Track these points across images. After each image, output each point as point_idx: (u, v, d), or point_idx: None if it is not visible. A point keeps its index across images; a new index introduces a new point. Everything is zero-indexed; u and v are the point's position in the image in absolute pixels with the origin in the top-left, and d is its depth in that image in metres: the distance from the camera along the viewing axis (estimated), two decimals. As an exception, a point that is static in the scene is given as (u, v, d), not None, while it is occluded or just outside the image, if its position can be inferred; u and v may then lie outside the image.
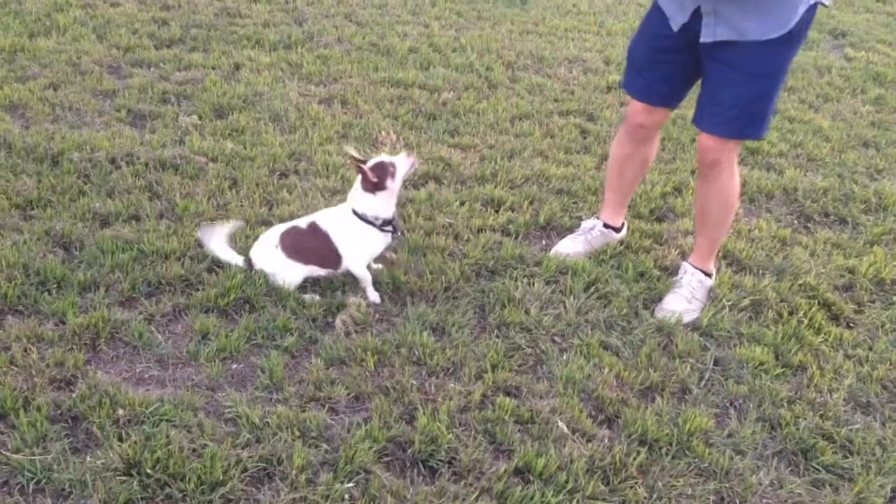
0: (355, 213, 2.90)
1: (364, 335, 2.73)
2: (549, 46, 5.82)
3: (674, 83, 3.04)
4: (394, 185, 2.89)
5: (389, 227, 2.95)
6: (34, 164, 3.57)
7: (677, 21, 2.82)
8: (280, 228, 2.95)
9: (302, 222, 2.95)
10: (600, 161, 4.09)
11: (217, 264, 2.99)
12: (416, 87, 4.84)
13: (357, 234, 2.90)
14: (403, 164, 2.90)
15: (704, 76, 2.91)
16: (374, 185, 2.86)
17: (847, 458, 2.48)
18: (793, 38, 2.72)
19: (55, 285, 2.82)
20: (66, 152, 3.65)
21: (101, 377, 2.45)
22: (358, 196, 2.90)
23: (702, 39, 2.78)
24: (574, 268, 3.17)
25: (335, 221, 2.92)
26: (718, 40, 2.75)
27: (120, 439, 2.23)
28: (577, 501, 2.21)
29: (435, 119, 4.46)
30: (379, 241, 2.95)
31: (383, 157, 2.93)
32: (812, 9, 2.71)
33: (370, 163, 2.87)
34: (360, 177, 2.88)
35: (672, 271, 3.24)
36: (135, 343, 2.62)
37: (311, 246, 2.90)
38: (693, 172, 4.06)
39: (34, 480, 2.10)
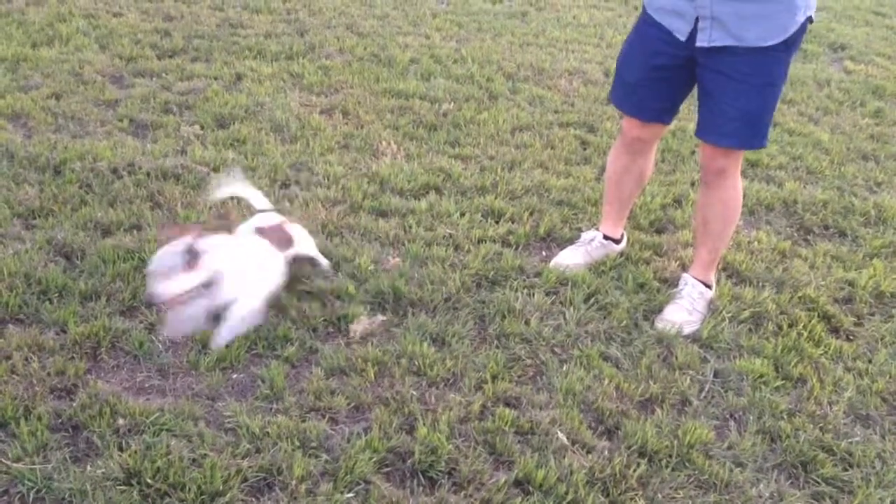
0: None
1: (364, 345, 2.73)
2: (550, 58, 5.85)
3: (668, 100, 3.04)
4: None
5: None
6: (36, 174, 3.58)
7: (683, 31, 2.80)
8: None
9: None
10: (600, 172, 4.10)
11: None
12: (416, 97, 4.86)
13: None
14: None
15: (703, 89, 2.91)
16: None
17: (847, 470, 2.48)
18: (789, 46, 2.74)
19: (56, 294, 2.83)
20: (68, 162, 3.66)
21: (101, 386, 2.45)
22: None
23: (697, 43, 2.77)
24: (574, 279, 3.18)
25: None
26: (714, 46, 2.75)
27: (120, 449, 2.23)
28: (577, 513, 2.21)
29: (435, 130, 4.48)
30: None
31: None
32: (809, 19, 2.74)
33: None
34: None
35: (672, 283, 3.25)
36: (135, 352, 2.62)
37: None
38: (693, 184, 4.08)
39: (34, 490, 2.11)
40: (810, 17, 2.74)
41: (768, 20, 2.68)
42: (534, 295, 3.08)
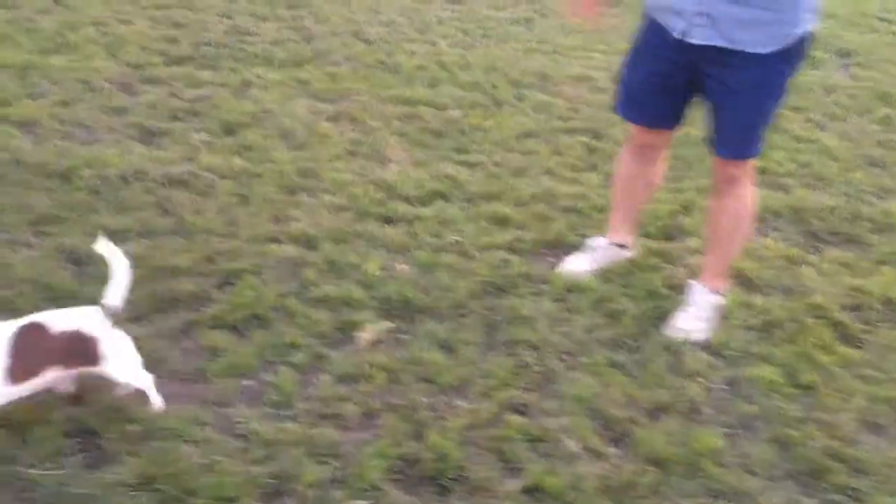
0: None
1: (373, 352, 2.74)
2: (555, 65, 5.85)
3: (671, 106, 3.02)
4: None
5: None
6: (45, 181, 3.60)
7: (678, 28, 2.79)
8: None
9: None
10: (607, 179, 4.10)
11: (228, 281, 3.00)
12: (423, 104, 4.86)
13: None
14: None
15: (704, 98, 2.91)
16: None
17: (857, 478, 2.47)
18: (792, 57, 2.73)
19: (66, 300, 2.82)
20: (76, 169, 3.67)
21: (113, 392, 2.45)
22: None
23: (689, 39, 2.76)
24: (582, 286, 3.18)
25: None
26: (707, 44, 2.73)
27: (133, 454, 2.24)
28: (588, 520, 2.21)
29: (442, 136, 4.49)
30: None
31: None
32: (810, 33, 2.73)
33: None
34: None
35: (681, 290, 3.24)
36: (145, 359, 2.62)
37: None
38: (701, 191, 4.07)
39: (48, 495, 2.11)
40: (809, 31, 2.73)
41: (766, 27, 2.68)
42: (542, 302, 3.08)
